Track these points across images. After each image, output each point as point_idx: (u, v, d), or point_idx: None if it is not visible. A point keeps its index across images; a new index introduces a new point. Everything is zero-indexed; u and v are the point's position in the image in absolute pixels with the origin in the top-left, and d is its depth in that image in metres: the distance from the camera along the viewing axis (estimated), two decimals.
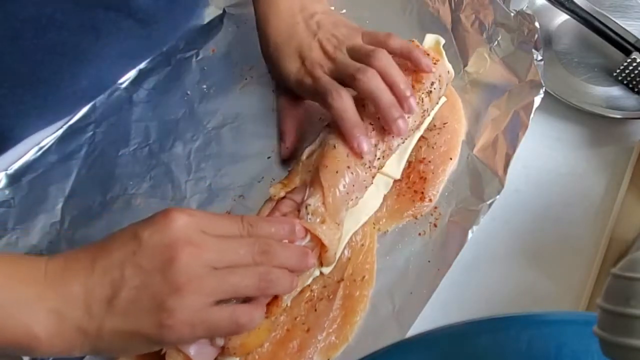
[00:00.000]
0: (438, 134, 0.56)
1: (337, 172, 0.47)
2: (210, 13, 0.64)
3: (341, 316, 0.48)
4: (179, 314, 0.37)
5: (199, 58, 0.61)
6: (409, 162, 0.55)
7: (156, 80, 0.60)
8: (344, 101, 0.49)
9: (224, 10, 0.64)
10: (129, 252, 0.38)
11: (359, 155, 0.48)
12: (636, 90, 0.61)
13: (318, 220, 0.46)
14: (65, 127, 0.57)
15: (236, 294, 0.40)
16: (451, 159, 0.55)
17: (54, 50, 0.49)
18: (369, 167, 0.49)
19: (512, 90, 0.57)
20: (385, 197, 0.53)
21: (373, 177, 0.50)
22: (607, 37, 0.62)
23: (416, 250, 0.52)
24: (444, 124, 0.57)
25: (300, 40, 0.53)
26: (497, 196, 0.53)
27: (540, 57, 0.57)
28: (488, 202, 0.53)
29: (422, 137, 0.56)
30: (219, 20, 0.63)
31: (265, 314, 0.43)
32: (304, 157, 0.51)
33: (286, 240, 0.44)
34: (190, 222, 0.39)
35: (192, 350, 0.41)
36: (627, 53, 0.60)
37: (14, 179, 0.54)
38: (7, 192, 0.54)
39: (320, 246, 0.46)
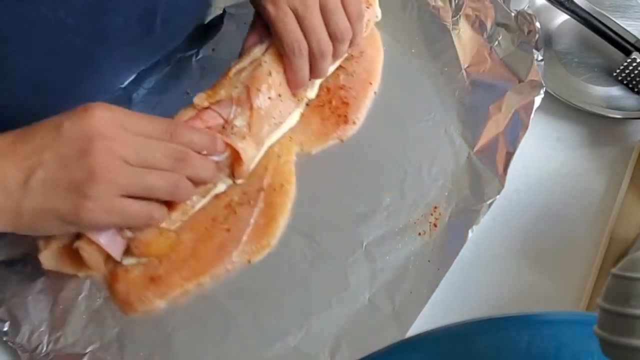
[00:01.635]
0: (356, 62, 0.59)
1: (269, 98, 0.52)
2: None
3: (263, 222, 0.52)
4: (95, 199, 0.40)
5: (199, 58, 0.61)
6: (328, 89, 0.58)
7: (156, 80, 0.60)
8: (301, 62, 0.51)
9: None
10: (50, 139, 0.41)
11: (294, 87, 0.52)
12: (636, 90, 0.61)
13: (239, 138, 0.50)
14: None
15: (149, 193, 0.43)
16: (371, 83, 0.58)
17: (61, 54, 0.49)
18: (298, 98, 0.54)
19: (512, 90, 0.57)
20: (309, 122, 0.56)
21: (297, 106, 0.55)
22: (607, 37, 0.62)
23: (416, 250, 0.52)
24: (362, 52, 0.59)
25: None
26: (497, 196, 0.53)
27: (540, 57, 0.57)
28: (488, 202, 0.53)
29: (340, 66, 0.58)
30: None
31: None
32: (232, 72, 0.52)
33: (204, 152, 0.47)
34: (110, 116, 0.42)
35: (102, 239, 0.45)
36: (627, 53, 0.60)
37: None
38: None
39: (235, 159, 0.50)
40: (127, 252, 0.48)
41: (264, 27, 0.53)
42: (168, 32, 0.58)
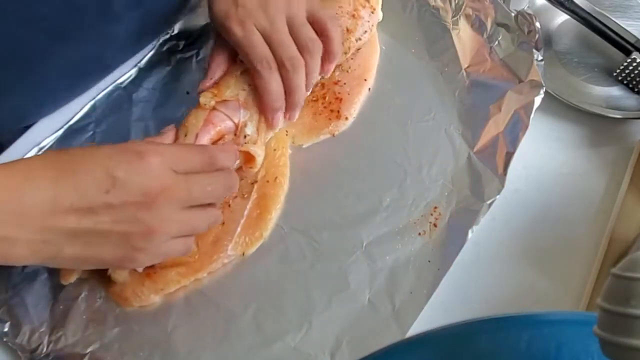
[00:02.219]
0: (352, 58, 0.60)
1: None
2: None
3: (256, 213, 0.52)
4: (147, 250, 0.41)
5: (199, 58, 0.61)
6: (322, 84, 0.58)
7: (156, 80, 0.60)
8: (272, 78, 0.51)
9: None
10: (101, 188, 0.39)
11: (270, 126, 0.53)
12: (636, 90, 0.61)
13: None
14: (65, 127, 0.57)
15: (193, 234, 0.45)
16: (365, 80, 0.59)
17: (37, 26, 0.48)
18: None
19: (512, 90, 0.57)
20: (302, 115, 0.57)
21: None
22: (607, 37, 0.62)
23: (416, 250, 0.52)
24: (357, 49, 0.60)
25: None
26: (497, 196, 0.53)
27: (540, 57, 0.57)
28: (488, 202, 0.53)
29: None
30: None
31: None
32: (238, 72, 0.53)
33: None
34: (162, 162, 0.41)
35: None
36: (627, 53, 0.60)
37: None
38: None
39: (247, 161, 0.52)
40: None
41: (231, 52, 0.53)
42: (153, 13, 0.57)
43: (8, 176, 0.38)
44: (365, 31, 0.58)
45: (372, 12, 0.59)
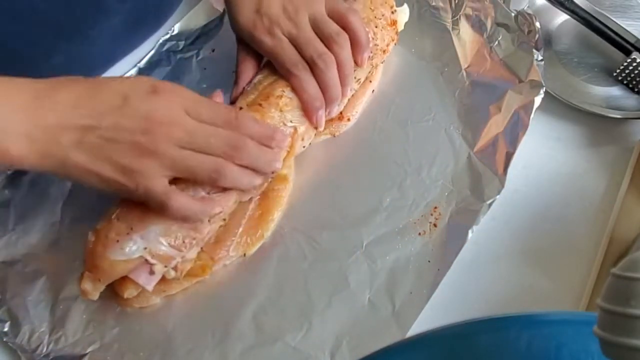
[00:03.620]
0: None
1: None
2: (210, 13, 0.64)
3: (258, 214, 0.52)
4: (139, 175, 0.43)
5: (199, 58, 0.61)
6: None
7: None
8: (307, 79, 0.52)
9: (224, 11, 0.63)
10: (114, 107, 0.43)
11: (315, 125, 0.53)
12: (636, 90, 0.61)
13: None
14: None
15: (190, 176, 0.45)
16: (370, 81, 0.59)
17: (30, 20, 0.49)
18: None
19: (512, 90, 0.57)
20: None
21: None
22: (607, 37, 0.62)
23: (416, 250, 0.52)
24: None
25: None
26: (497, 196, 0.53)
27: (540, 57, 0.57)
28: (488, 202, 0.53)
29: None
30: (219, 20, 0.63)
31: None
32: (282, 103, 0.53)
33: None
34: (176, 100, 0.44)
35: (140, 280, 0.47)
36: (627, 53, 0.60)
37: (14, 179, 0.54)
38: (7, 192, 0.54)
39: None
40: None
41: (257, 58, 0.54)
42: (148, 11, 0.57)
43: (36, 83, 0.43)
44: (388, 43, 0.58)
45: (397, 33, 0.59)
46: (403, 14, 0.60)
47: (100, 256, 0.45)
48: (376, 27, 0.56)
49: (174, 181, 0.45)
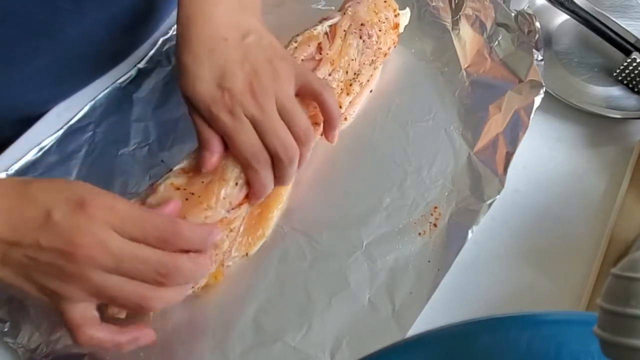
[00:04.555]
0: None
1: None
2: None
3: (257, 212, 0.52)
4: (64, 300, 0.39)
5: None
6: None
7: (156, 80, 0.60)
8: (266, 174, 0.47)
9: None
10: (36, 224, 0.39)
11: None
12: (636, 90, 0.61)
13: None
14: (65, 127, 0.57)
15: (115, 305, 0.42)
16: (368, 81, 0.58)
17: (11, 22, 0.48)
18: None
19: (512, 90, 0.57)
20: None
21: None
22: (607, 37, 0.62)
23: (416, 250, 0.52)
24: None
25: (224, 63, 0.46)
26: (497, 196, 0.53)
27: (540, 57, 0.57)
28: (488, 202, 0.53)
29: None
30: None
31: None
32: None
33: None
34: (103, 219, 0.39)
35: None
36: (627, 53, 0.60)
37: None
38: None
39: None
40: None
41: (217, 138, 0.47)
42: (130, 14, 0.56)
43: None
44: (389, 47, 0.58)
45: (398, 36, 0.59)
46: (404, 17, 0.60)
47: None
48: (380, 30, 0.56)
49: None
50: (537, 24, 0.58)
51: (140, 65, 0.60)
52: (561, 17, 0.65)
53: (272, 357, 0.48)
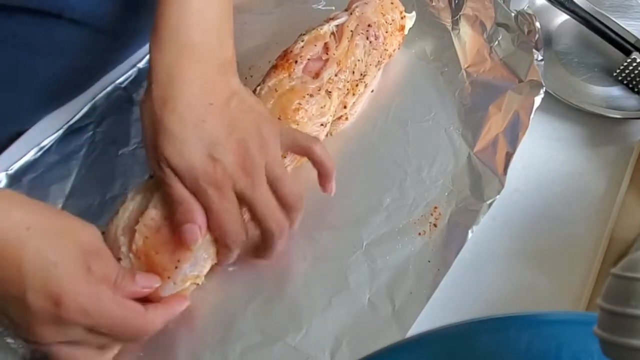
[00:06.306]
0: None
1: None
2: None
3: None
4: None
5: None
6: None
7: None
8: (236, 253, 0.47)
9: None
10: (12, 295, 0.38)
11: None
12: (636, 90, 0.61)
13: None
14: (65, 127, 0.57)
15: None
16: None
17: (10, 42, 0.48)
18: None
19: (512, 90, 0.57)
20: None
21: None
22: (607, 37, 0.62)
23: (416, 250, 0.52)
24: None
25: (213, 134, 0.44)
26: (497, 196, 0.53)
27: (540, 57, 0.57)
28: (488, 202, 0.53)
29: None
30: None
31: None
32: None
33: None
34: (74, 323, 0.39)
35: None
36: (627, 53, 0.60)
37: (14, 179, 0.54)
38: None
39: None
40: None
41: (202, 211, 0.44)
42: (120, 35, 0.56)
43: None
44: (395, 49, 0.59)
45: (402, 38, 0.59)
46: (410, 20, 0.59)
47: (154, 297, 0.44)
48: (386, 32, 0.56)
49: None
50: (537, 24, 0.58)
51: (140, 65, 0.60)
52: (561, 17, 0.65)
53: (272, 357, 0.48)
